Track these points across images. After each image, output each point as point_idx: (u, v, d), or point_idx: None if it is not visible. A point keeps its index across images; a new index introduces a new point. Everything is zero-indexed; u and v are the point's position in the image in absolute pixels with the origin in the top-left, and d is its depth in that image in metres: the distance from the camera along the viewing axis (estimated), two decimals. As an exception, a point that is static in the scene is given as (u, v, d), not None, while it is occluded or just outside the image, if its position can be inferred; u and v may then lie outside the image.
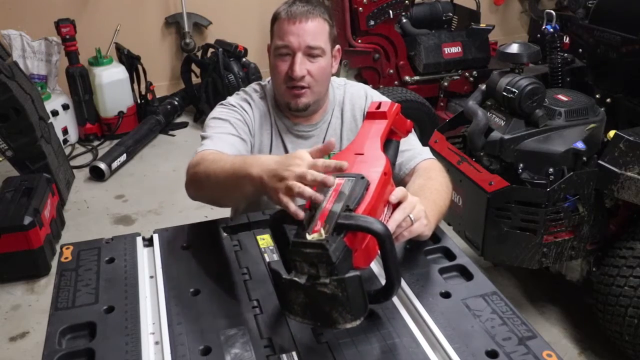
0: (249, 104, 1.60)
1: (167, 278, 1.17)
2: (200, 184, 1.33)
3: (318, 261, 0.91)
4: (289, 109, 1.55)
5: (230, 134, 1.49)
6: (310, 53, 1.47)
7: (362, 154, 1.10)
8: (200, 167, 1.33)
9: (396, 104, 1.20)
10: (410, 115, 1.27)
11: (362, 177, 1.03)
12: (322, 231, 0.93)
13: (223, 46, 4.29)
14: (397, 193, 1.11)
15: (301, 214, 0.99)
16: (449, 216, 2.22)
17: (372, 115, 1.19)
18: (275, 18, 1.51)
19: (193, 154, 1.43)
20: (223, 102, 1.61)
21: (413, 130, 1.35)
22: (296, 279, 0.92)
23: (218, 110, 1.58)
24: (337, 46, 1.57)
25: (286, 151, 1.61)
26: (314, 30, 1.47)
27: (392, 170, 1.14)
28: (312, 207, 0.99)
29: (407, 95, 3.46)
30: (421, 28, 3.84)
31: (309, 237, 0.93)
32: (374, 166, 1.07)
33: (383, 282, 1.02)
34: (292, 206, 1.01)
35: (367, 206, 0.99)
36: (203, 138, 1.50)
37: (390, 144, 1.18)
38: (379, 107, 1.19)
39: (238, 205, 1.64)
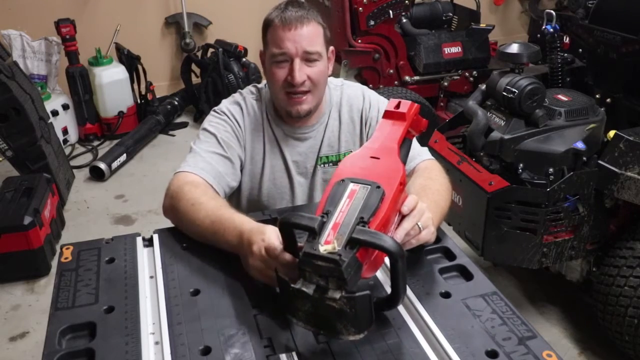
0: (241, 109, 1.59)
1: (167, 278, 1.17)
2: (179, 223, 1.35)
3: (329, 275, 0.90)
4: (290, 116, 1.54)
5: (214, 153, 1.50)
6: (308, 58, 1.46)
7: (378, 159, 1.07)
8: (180, 205, 1.34)
9: (415, 105, 1.15)
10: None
11: (378, 187, 1.00)
12: (335, 243, 0.91)
13: (223, 46, 4.29)
14: (409, 204, 1.10)
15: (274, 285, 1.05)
16: (449, 216, 2.21)
17: (390, 114, 1.14)
18: (268, 25, 1.48)
19: (178, 167, 1.47)
20: (216, 108, 1.60)
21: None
22: (304, 289, 0.91)
23: (209, 119, 1.58)
24: (331, 47, 1.56)
25: (282, 155, 1.60)
26: (310, 35, 1.45)
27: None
28: (324, 213, 0.97)
29: (407, 95, 3.46)
30: (421, 28, 3.83)
31: (321, 248, 0.90)
32: (390, 175, 1.04)
33: (387, 287, 1.01)
34: (265, 281, 1.11)
35: (382, 220, 0.98)
36: (190, 149, 1.52)
37: (403, 142, 1.14)
38: (398, 106, 1.14)
39: (237, 207, 1.64)
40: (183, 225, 1.33)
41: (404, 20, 3.77)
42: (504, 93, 2.18)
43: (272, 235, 1.09)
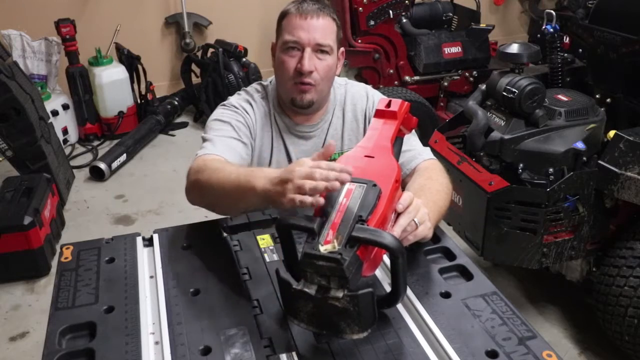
0: (251, 104, 1.59)
1: (167, 278, 1.17)
2: (203, 191, 1.33)
3: (331, 274, 0.90)
4: (294, 105, 1.54)
5: (231, 137, 1.49)
6: (319, 50, 1.48)
7: (373, 157, 1.08)
8: (203, 175, 1.32)
9: (406, 103, 1.18)
10: (410, 116, 1.26)
11: (374, 185, 1.01)
12: (335, 242, 0.91)
13: (223, 46, 4.28)
14: (404, 201, 1.10)
15: (322, 201, 0.98)
16: (449, 216, 2.22)
17: (381, 113, 1.16)
18: (284, 15, 1.51)
19: (194, 157, 1.43)
20: (224, 102, 1.60)
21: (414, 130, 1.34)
22: (306, 289, 0.91)
23: (219, 112, 1.57)
24: (342, 48, 1.58)
25: (287, 152, 1.60)
26: (324, 27, 1.47)
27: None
28: (323, 214, 0.97)
29: (407, 95, 3.46)
30: (421, 28, 3.83)
31: (321, 248, 0.91)
32: (385, 174, 1.05)
33: (386, 285, 1.01)
34: (309, 199, 1.00)
35: (380, 217, 0.98)
36: (204, 140, 1.50)
37: (395, 140, 1.16)
38: (388, 104, 1.16)
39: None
40: (207, 192, 1.31)
41: (404, 20, 3.77)
42: (504, 93, 2.18)
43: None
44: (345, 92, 1.65)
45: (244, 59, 4.28)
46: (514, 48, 2.29)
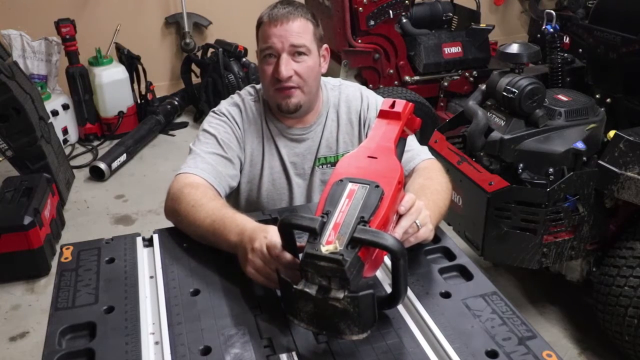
0: (240, 109, 1.59)
1: (167, 278, 1.17)
2: (180, 224, 1.35)
3: (332, 275, 0.90)
4: (281, 110, 1.54)
5: (214, 153, 1.50)
6: (295, 52, 1.47)
7: (376, 158, 1.08)
8: (180, 207, 1.33)
9: (410, 104, 1.17)
10: (410, 116, 1.25)
11: (377, 186, 1.00)
12: (337, 243, 0.91)
13: (223, 46, 4.29)
14: (406, 203, 1.10)
15: (273, 284, 1.08)
16: (449, 216, 2.21)
17: (385, 114, 1.15)
18: (259, 23, 1.51)
19: (178, 169, 1.47)
20: (215, 109, 1.60)
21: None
22: (307, 289, 0.91)
23: (208, 120, 1.58)
24: (325, 45, 1.57)
25: (280, 156, 1.60)
26: (297, 29, 1.47)
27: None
28: (325, 213, 0.97)
29: (407, 95, 3.46)
30: (421, 28, 3.83)
31: (323, 249, 0.91)
32: (388, 175, 1.04)
33: (386, 286, 1.01)
34: (260, 280, 1.11)
35: (382, 219, 0.98)
36: (190, 151, 1.52)
37: (398, 141, 1.15)
38: (392, 105, 1.16)
39: (235, 207, 1.64)
40: (184, 227, 1.33)
41: (404, 20, 3.76)
42: (504, 93, 2.18)
43: (274, 234, 1.09)
44: (339, 93, 1.64)
45: (244, 59, 4.29)
46: (514, 48, 2.29)
